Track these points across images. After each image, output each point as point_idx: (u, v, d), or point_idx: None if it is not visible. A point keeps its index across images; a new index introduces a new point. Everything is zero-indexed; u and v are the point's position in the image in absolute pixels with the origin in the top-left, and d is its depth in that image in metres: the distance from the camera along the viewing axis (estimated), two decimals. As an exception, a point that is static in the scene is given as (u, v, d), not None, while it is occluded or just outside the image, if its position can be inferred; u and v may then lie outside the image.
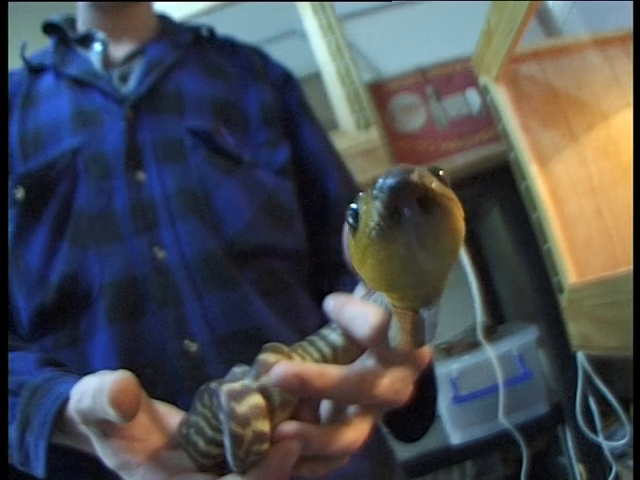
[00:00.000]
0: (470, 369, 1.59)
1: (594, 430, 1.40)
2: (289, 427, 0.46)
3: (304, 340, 0.52)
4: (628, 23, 1.02)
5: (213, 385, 0.47)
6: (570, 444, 1.52)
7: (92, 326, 0.72)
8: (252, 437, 0.43)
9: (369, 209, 0.34)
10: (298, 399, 0.48)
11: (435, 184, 0.33)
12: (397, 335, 0.45)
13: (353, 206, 0.36)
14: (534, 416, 1.56)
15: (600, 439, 1.39)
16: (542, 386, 1.58)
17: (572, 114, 1.12)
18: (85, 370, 0.70)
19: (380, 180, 0.33)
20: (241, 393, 0.45)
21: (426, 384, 0.63)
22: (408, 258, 0.34)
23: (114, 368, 0.69)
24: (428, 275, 0.37)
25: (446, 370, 1.58)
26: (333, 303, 0.50)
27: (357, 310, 0.48)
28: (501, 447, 1.77)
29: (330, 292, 0.52)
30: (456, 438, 1.60)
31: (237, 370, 0.51)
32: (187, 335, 0.72)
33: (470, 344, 1.65)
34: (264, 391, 0.46)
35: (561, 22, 1.29)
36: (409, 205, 0.32)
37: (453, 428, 1.60)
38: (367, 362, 0.49)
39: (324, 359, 0.50)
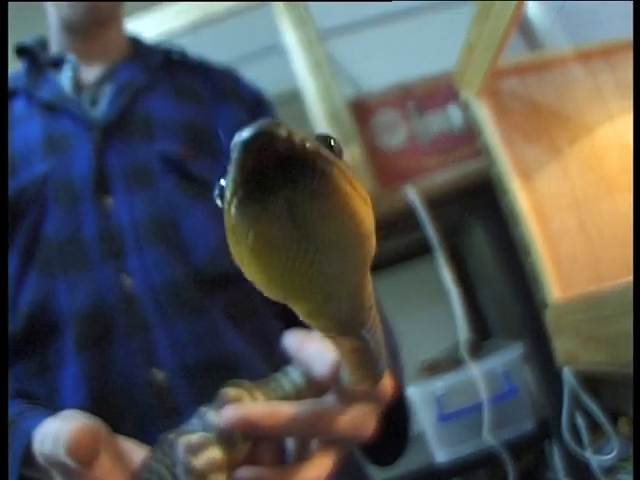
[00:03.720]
0: (455, 387, 1.57)
1: (581, 445, 1.40)
2: (245, 473, 0.46)
3: (271, 376, 0.53)
4: (610, 36, 1.03)
5: (171, 436, 0.47)
6: (557, 460, 1.51)
7: (61, 355, 0.72)
8: None
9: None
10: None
11: (312, 144, 0.25)
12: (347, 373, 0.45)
13: (221, 182, 0.28)
14: (520, 433, 1.55)
15: (588, 454, 1.38)
16: (528, 402, 1.58)
17: (555, 128, 1.12)
18: (54, 399, 0.70)
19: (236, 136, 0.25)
20: (199, 446, 0.45)
21: (396, 411, 0.63)
22: (288, 246, 0.27)
23: (83, 397, 0.69)
24: (326, 277, 0.29)
25: (430, 388, 1.57)
26: (291, 341, 0.51)
27: (315, 348, 0.49)
28: (487, 464, 1.76)
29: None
30: (441, 456, 1.59)
31: (204, 409, 0.51)
32: (155, 364, 0.71)
33: (454, 361, 1.64)
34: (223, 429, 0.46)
35: (543, 35, 1.29)
36: (272, 167, 0.24)
37: (438, 446, 1.59)
38: (327, 399, 0.49)
39: (290, 395, 0.51)
